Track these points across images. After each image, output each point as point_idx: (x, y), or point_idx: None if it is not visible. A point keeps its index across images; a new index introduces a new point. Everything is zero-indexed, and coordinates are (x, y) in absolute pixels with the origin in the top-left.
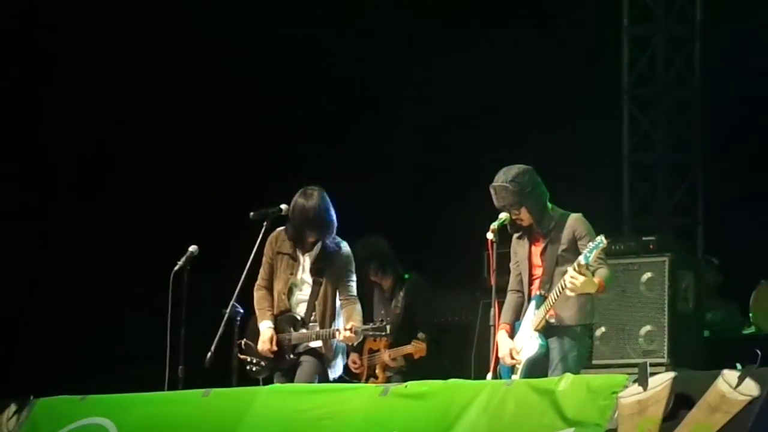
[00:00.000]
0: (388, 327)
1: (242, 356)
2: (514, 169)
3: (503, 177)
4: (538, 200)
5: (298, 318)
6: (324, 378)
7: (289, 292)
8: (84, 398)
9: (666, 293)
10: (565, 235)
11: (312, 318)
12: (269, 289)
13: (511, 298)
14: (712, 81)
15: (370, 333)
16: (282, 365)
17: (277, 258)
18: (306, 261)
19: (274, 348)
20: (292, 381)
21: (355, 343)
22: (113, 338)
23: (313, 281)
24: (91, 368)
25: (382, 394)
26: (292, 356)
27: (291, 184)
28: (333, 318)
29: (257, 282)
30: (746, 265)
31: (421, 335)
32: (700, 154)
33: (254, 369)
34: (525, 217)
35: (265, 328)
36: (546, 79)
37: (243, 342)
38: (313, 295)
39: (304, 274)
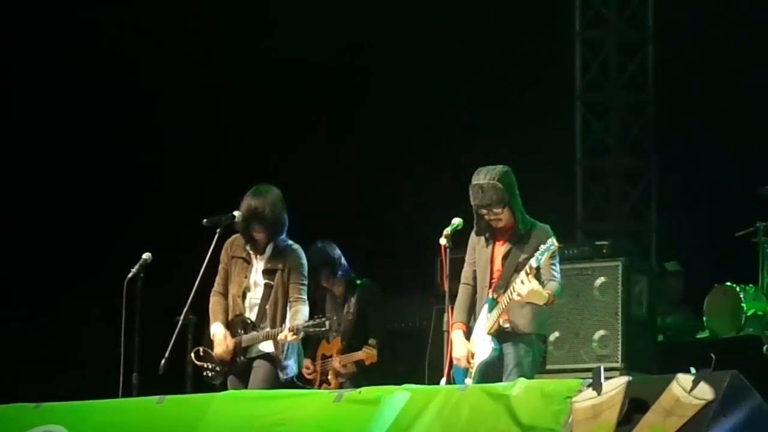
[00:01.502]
0: (327, 322)
1: (199, 363)
2: (498, 168)
3: (490, 175)
4: (518, 201)
5: (249, 321)
6: (276, 381)
7: (243, 296)
8: (38, 406)
9: (620, 298)
10: (531, 245)
11: (263, 320)
12: (224, 294)
13: (464, 293)
14: (665, 85)
15: (311, 330)
16: (234, 368)
17: (231, 262)
18: (260, 263)
19: (231, 345)
20: (245, 385)
21: (292, 340)
22: (67, 346)
23: (265, 284)
24: (46, 376)
25: (336, 399)
26: (243, 359)
27: (243, 191)
28: (284, 320)
29: (213, 288)
30: (699, 269)
31: (372, 341)
32: (654, 159)
33: (210, 375)
34: (505, 217)
35: (217, 330)
36: (498, 83)
37: (201, 349)
38: (264, 298)
39: (257, 276)
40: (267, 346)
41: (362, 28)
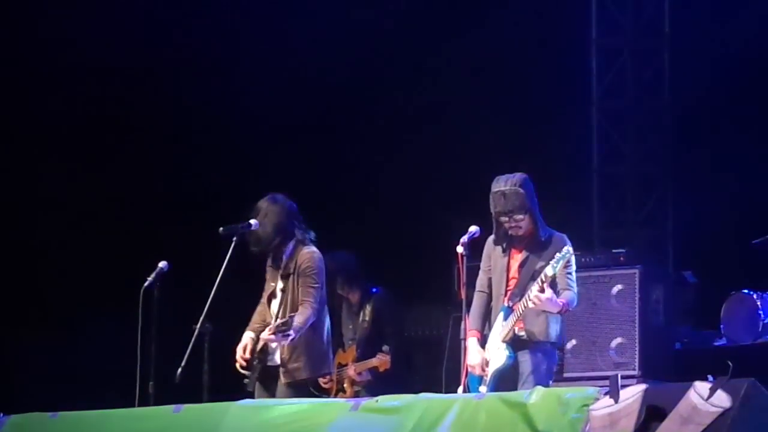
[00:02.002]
0: (291, 319)
1: (242, 371)
2: (518, 175)
3: (511, 181)
4: (537, 208)
5: (269, 324)
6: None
7: (269, 302)
8: (55, 415)
9: (637, 305)
10: (548, 253)
11: None
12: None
13: (479, 300)
14: (682, 92)
15: (281, 327)
16: (253, 371)
17: (267, 270)
18: (282, 269)
19: (246, 355)
20: (264, 388)
21: (284, 342)
22: (84, 354)
23: (282, 288)
24: (62, 385)
25: (353, 408)
26: (256, 362)
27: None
28: None
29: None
30: (716, 277)
31: (386, 348)
32: (670, 166)
33: (246, 381)
34: (525, 224)
35: (244, 338)
36: (515, 92)
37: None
38: (281, 303)
39: (280, 282)
40: (278, 357)
41: (379, 39)
